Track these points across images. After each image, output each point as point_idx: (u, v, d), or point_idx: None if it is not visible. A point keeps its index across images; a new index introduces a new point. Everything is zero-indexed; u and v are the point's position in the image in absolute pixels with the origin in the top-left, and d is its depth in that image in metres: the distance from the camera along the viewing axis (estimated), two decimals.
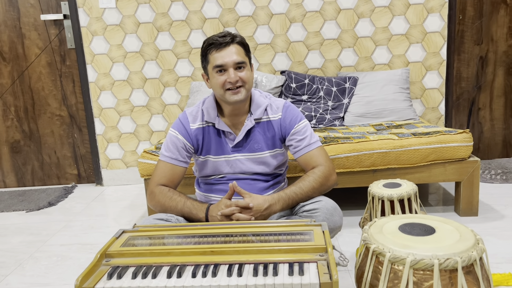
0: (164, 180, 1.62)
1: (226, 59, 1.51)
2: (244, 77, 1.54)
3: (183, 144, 1.62)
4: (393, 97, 2.71)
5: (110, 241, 1.21)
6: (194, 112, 1.66)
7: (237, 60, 1.52)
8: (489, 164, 3.00)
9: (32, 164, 3.26)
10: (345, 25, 2.94)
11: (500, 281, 1.54)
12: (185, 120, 1.65)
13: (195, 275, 1.04)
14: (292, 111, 1.66)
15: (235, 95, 1.54)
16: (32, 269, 1.93)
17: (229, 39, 1.53)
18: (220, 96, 1.57)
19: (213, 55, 1.53)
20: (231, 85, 1.52)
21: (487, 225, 2.10)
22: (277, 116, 1.64)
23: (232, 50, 1.52)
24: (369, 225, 1.17)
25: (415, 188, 1.63)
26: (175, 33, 2.99)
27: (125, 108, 3.12)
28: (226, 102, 1.58)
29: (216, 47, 1.52)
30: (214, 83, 1.56)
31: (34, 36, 3.05)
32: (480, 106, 3.11)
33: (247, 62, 1.57)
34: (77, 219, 2.56)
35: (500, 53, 3.02)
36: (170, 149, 1.63)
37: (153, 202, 1.60)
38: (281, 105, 1.66)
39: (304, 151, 1.62)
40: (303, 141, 1.62)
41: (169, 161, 1.62)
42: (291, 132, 1.63)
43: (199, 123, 1.64)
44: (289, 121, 1.64)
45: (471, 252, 0.99)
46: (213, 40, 1.54)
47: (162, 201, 1.57)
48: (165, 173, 1.62)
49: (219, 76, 1.54)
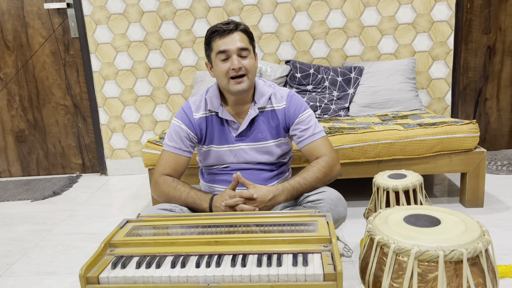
0: (168, 170, 1.61)
1: (230, 45, 1.50)
2: (247, 65, 1.52)
3: (187, 134, 1.62)
4: (399, 87, 2.68)
5: (114, 231, 1.21)
6: (197, 102, 1.65)
7: (240, 46, 1.50)
8: (495, 155, 2.98)
9: (37, 154, 3.27)
10: (350, 14, 2.90)
11: (505, 272, 1.54)
12: (188, 109, 1.65)
13: (199, 265, 1.04)
14: (296, 101, 1.64)
15: (238, 85, 1.52)
16: (38, 258, 1.94)
17: (233, 27, 1.52)
18: (224, 85, 1.56)
19: (217, 42, 1.52)
20: (234, 72, 1.51)
21: (492, 216, 2.08)
22: (281, 105, 1.63)
23: (236, 37, 1.51)
24: (374, 216, 1.16)
25: (421, 179, 1.62)
26: (179, 22, 2.97)
27: (129, 98, 3.12)
28: (229, 91, 1.56)
29: (220, 34, 1.51)
30: (217, 71, 1.55)
31: (38, 25, 3.04)
32: (487, 97, 3.08)
33: (250, 49, 1.55)
34: (81, 208, 2.57)
35: (508, 42, 2.98)
36: (174, 139, 1.62)
37: (157, 192, 1.60)
38: (285, 94, 1.65)
39: (308, 141, 1.61)
40: (307, 131, 1.61)
41: (173, 151, 1.62)
42: (295, 121, 1.62)
43: (202, 113, 1.63)
44: (293, 110, 1.62)
45: (476, 243, 0.98)
46: (216, 28, 1.52)
47: (166, 191, 1.57)
48: (169, 163, 1.62)
49: (222, 64, 1.52)
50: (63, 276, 1.76)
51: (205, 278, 1.00)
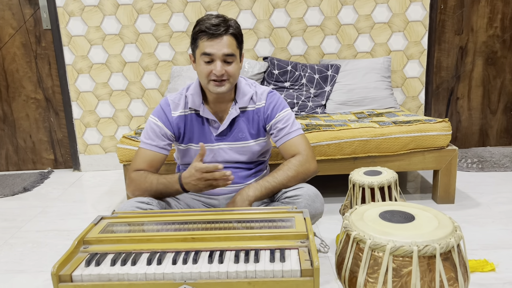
0: (143, 166, 1.58)
1: (215, 50, 1.47)
2: (230, 71, 1.51)
3: (164, 132, 1.59)
4: (374, 85, 2.72)
5: (88, 228, 1.18)
6: (177, 99, 1.63)
7: (226, 52, 1.48)
8: (466, 153, 3.06)
9: (6, 148, 3.16)
10: (328, 11, 2.92)
11: (475, 267, 1.58)
12: (167, 107, 1.62)
13: (176, 262, 1.03)
14: (275, 99, 1.64)
15: (218, 87, 1.51)
16: (7, 256, 1.88)
17: (223, 30, 1.47)
18: (204, 85, 1.55)
19: (203, 42, 1.49)
20: (215, 77, 1.50)
21: (463, 212, 2.14)
22: (261, 104, 1.63)
23: (224, 42, 1.47)
24: (350, 212, 1.17)
25: (395, 176, 1.65)
26: (156, 16, 2.92)
27: (103, 92, 3.05)
28: (208, 91, 1.56)
29: (208, 36, 1.47)
30: (200, 71, 1.53)
31: (8, 15, 2.93)
32: (459, 96, 3.16)
33: (237, 55, 1.53)
34: (53, 205, 2.50)
35: (479, 43, 3.06)
36: (150, 136, 1.59)
37: (131, 187, 1.56)
38: (265, 93, 1.64)
39: (284, 139, 1.61)
40: (284, 129, 1.61)
41: (149, 148, 1.59)
42: (273, 120, 1.62)
43: (181, 111, 1.61)
44: (272, 109, 1.62)
45: (449, 239, 1.01)
46: (206, 28, 1.47)
47: (138, 184, 1.53)
48: (145, 159, 1.59)
49: (205, 65, 1.50)
50: (33, 274, 1.71)
51: (181, 275, 0.99)
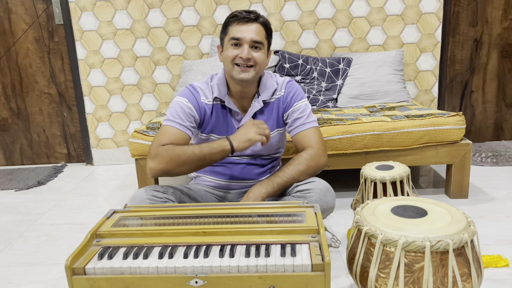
0: (170, 142, 1.48)
1: (244, 34, 1.48)
2: (257, 58, 1.50)
3: (193, 113, 1.55)
4: (386, 79, 2.69)
5: (101, 221, 1.19)
6: (204, 88, 1.61)
7: (255, 38, 1.48)
8: (480, 147, 3.02)
9: (20, 143, 3.21)
10: (340, 4, 2.89)
11: (489, 262, 1.56)
12: (196, 92, 1.60)
13: (187, 255, 1.03)
14: (294, 89, 1.65)
15: (243, 73, 1.50)
16: (22, 249, 1.92)
17: (253, 17, 1.49)
18: (228, 70, 1.54)
19: (233, 27, 1.50)
20: (241, 61, 1.49)
21: (476, 207, 2.12)
22: (281, 93, 1.64)
23: (253, 28, 1.49)
24: (362, 207, 1.17)
25: (408, 171, 1.63)
26: (167, 10, 2.92)
27: (115, 87, 3.07)
28: (232, 77, 1.54)
29: (239, 20, 1.49)
30: (225, 55, 1.53)
31: (21, 11, 2.96)
32: (473, 89, 3.11)
33: (265, 44, 1.53)
34: (67, 198, 2.53)
35: (494, 35, 3.00)
36: (179, 115, 1.52)
37: (162, 163, 1.43)
38: (284, 82, 1.66)
39: (298, 129, 1.61)
40: (299, 119, 1.61)
41: (176, 126, 1.51)
42: (291, 109, 1.63)
43: (209, 99, 1.60)
44: (291, 98, 1.63)
45: (462, 234, 1.00)
46: (237, 13, 1.50)
47: (175, 157, 1.43)
48: (170, 136, 1.49)
49: (232, 49, 1.50)
50: (48, 267, 1.74)
51: (193, 268, 1.00)
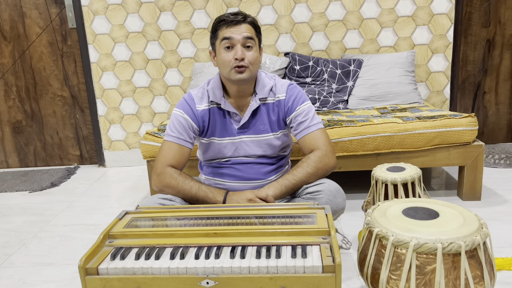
0: (172, 161, 1.58)
1: (236, 34, 1.50)
2: (250, 57, 1.51)
3: (190, 125, 1.60)
4: (398, 80, 2.68)
5: (113, 222, 1.21)
6: (200, 94, 1.64)
7: (246, 35, 1.50)
8: (493, 148, 2.98)
9: (34, 145, 3.26)
10: (350, 6, 2.89)
11: (502, 265, 1.54)
12: (191, 101, 1.63)
13: (198, 256, 1.04)
14: (296, 92, 1.64)
15: (239, 74, 1.52)
16: (36, 249, 1.94)
17: (241, 18, 1.51)
18: (225, 74, 1.55)
19: (223, 30, 1.52)
20: (237, 62, 1.50)
21: (490, 209, 2.09)
22: (281, 96, 1.63)
23: (242, 28, 1.51)
24: (373, 208, 1.16)
25: (419, 172, 1.62)
26: (178, 13, 2.95)
27: (127, 89, 3.10)
28: (230, 80, 1.56)
29: (227, 23, 1.51)
30: (220, 60, 1.54)
31: (35, 15, 3.01)
32: (486, 90, 3.08)
33: (256, 41, 1.54)
34: (80, 199, 2.56)
35: (507, 36, 2.97)
36: (177, 128, 1.60)
37: (162, 183, 1.56)
38: (285, 85, 1.65)
39: (304, 132, 1.61)
40: (304, 123, 1.61)
41: (175, 141, 1.59)
42: (294, 113, 1.62)
43: (205, 105, 1.62)
44: (292, 101, 1.62)
45: (474, 236, 0.99)
46: (224, 17, 1.52)
47: (174, 184, 1.54)
48: (172, 153, 1.58)
49: (226, 52, 1.52)
50: (61, 267, 1.76)
51: (204, 269, 1.00)
